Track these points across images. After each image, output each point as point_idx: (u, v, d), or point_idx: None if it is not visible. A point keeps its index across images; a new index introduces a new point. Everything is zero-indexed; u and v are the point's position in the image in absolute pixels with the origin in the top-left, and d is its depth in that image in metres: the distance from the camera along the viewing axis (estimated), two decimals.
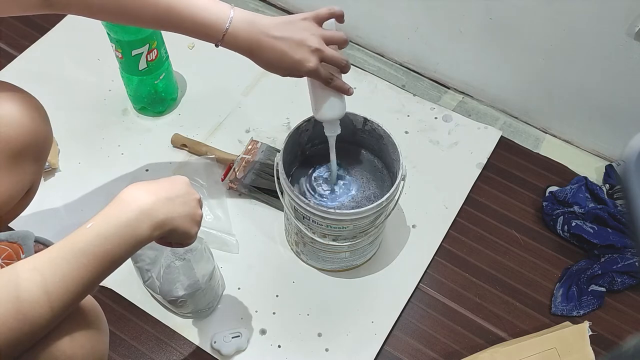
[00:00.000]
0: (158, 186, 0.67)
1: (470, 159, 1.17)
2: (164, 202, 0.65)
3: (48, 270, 0.57)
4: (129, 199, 0.63)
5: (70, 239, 0.59)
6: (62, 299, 0.57)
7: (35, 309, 0.55)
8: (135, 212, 0.62)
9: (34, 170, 0.79)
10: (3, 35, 1.30)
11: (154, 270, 0.90)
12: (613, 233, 1.04)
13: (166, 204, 0.65)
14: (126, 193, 0.64)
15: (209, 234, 1.04)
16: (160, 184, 0.67)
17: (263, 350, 0.97)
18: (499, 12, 1.08)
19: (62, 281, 0.57)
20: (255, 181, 1.08)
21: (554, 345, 0.93)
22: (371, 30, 1.29)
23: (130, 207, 0.62)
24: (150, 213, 0.63)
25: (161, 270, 0.89)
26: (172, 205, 0.66)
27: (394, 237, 1.07)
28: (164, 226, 0.65)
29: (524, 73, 1.16)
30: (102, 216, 0.61)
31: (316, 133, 0.99)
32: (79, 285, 0.58)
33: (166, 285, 0.89)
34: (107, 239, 0.60)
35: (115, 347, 0.96)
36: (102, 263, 0.60)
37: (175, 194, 0.67)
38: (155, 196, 0.65)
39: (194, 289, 0.89)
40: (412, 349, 0.98)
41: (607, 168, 1.15)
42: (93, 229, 0.60)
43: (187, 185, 0.71)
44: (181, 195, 0.68)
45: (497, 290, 1.04)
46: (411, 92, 1.26)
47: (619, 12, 0.95)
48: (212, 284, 0.93)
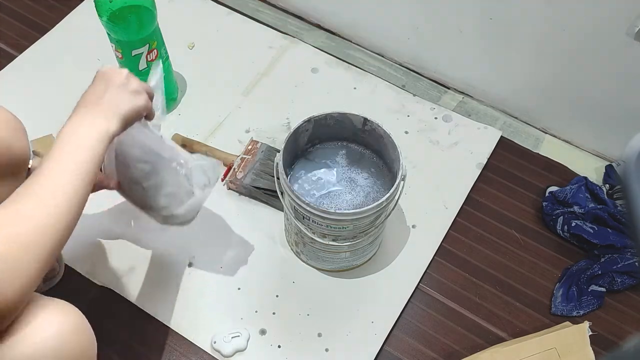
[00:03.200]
0: (87, 106, 0.71)
1: (470, 159, 1.17)
2: (100, 111, 0.71)
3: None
4: (74, 141, 0.67)
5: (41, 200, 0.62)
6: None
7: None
8: (89, 143, 0.67)
9: (14, 185, 0.77)
10: (3, 35, 1.30)
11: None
12: (613, 233, 1.04)
13: (104, 109, 0.71)
14: (69, 134, 0.68)
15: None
16: (87, 101, 0.72)
17: (263, 350, 0.97)
18: (499, 12, 1.08)
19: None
20: (255, 181, 1.08)
21: (554, 345, 0.93)
22: (371, 30, 1.29)
23: (82, 145, 0.67)
24: (100, 131, 0.69)
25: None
26: (109, 105, 0.72)
27: (394, 237, 1.07)
28: (118, 122, 0.71)
29: (524, 73, 1.16)
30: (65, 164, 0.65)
31: (316, 133, 0.99)
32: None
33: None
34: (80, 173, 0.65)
35: (115, 347, 0.96)
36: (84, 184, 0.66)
37: (102, 94, 0.72)
38: (92, 116, 0.70)
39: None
40: (412, 349, 0.98)
41: (607, 168, 1.15)
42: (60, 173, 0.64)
43: (107, 76, 0.75)
44: (109, 87, 0.73)
45: (497, 290, 1.04)
46: (411, 92, 1.26)
47: (619, 12, 0.95)
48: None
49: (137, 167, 0.85)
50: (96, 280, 1.01)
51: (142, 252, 1.04)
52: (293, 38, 1.32)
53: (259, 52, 1.29)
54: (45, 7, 1.35)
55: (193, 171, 0.87)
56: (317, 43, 1.32)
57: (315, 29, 1.35)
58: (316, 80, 1.27)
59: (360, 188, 1.00)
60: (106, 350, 0.96)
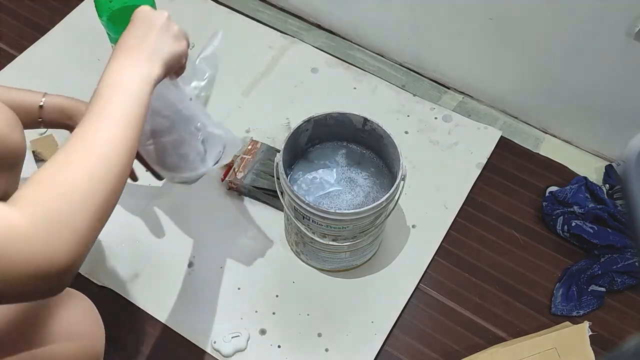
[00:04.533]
0: (128, 50, 0.67)
1: (470, 159, 1.17)
2: (143, 55, 0.67)
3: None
4: (119, 85, 0.64)
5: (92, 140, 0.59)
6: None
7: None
8: (134, 87, 0.64)
9: (9, 180, 0.76)
10: (3, 35, 1.30)
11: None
12: (613, 233, 1.04)
13: (146, 53, 0.67)
14: (112, 80, 0.64)
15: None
16: (127, 44, 0.68)
17: (263, 350, 0.97)
18: (499, 12, 1.08)
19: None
20: (255, 181, 1.08)
21: (554, 345, 0.93)
22: (371, 30, 1.29)
23: (127, 89, 0.64)
24: (145, 76, 0.65)
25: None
26: (152, 49, 0.68)
27: (394, 237, 1.07)
28: (161, 67, 0.68)
29: (524, 73, 1.16)
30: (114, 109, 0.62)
31: (316, 133, 0.99)
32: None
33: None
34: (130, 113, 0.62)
35: (115, 347, 0.96)
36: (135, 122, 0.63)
37: (143, 37, 0.68)
38: (135, 60, 0.66)
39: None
40: (412, 349, 0.98)
41: (607, 168, 1.15)
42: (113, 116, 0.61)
43: (147, 18, 0.71)
44: (150, 30, 0.69)
45: (497, 290, 1.04)
46: (411, 92, 1.26)
47: (619, 12, 0.95)
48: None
49: (156, 120, 0.82)
50: (96, 281, 1.01)
51: (143, 253, 1.05)
52: (293, 38, 1.32)
53: (259, 52, 1.29)
54: (45, 7, 1.35)
55: (210, 139, 0.85)
56: (317, 43, 1.32)
57: (315, 29, 1.35)
58: (316, 80, 1.27)
59: (360, 188, 1.00)
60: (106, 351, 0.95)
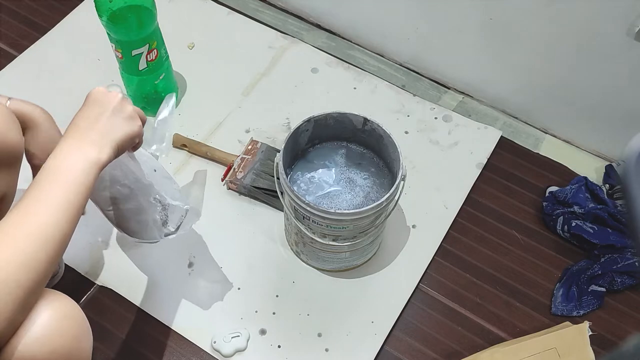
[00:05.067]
0: (80, 131, 0.68)
1: (470, 159, 1.17)
2: (93, 139, 0.67)
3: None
4: (62, 172, 0.64)
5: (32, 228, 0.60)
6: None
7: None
8: (77, 175, 0.64)
9: (8, 179, 0.75)
10: (3, 35, 1.30)
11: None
12: (613, 233, 1.04)
13: (97, 136, 0.68)
14: (56, 165, 0.65)
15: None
16: (78, 126, 0.68)
17: (263, 350, 0.97)
18: (499, 12, 1.08)
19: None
20: (255, 181, 1.08)
21: (554, 346, 0.93)
22: (371, 30, 1.29)
23: (69, 178, 0.64)
24: (91, 161, 0.66)
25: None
26: (102, 132, 0.68)
27: (394, 237, 1.07)
28: (111, 150, 0.68)
29: (524, 73, 1.16)
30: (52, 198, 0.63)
31: (316, 133, 0.99)
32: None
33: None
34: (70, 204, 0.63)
35: (114, 347, 0.96)
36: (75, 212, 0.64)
37: (94, 119, 0.69)
38: (84, 144, 0.67)
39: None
40: (412, 349, 0.98)
41: (607, 168, 1.15)
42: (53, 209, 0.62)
43: (100, 99, 0.71)
44: (102, 112, 0.69)
45: (497, 290, 1.04)
46: (411, 92, 1.26)
47: (619, 12, 0.95)
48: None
49: (115, 188, 0.86)
50: (96, 280, 1.02)
51: (142, 252, 1.04)
52: (293, 38, 1.32)
53: (259, 52, 1.29)
54: (45, 7, 1.35)
55: (170, 208, 0.89)
56: (317, 43, 1.32)
57: (315, 29, 1.35)
58: (316, 80, 1.27)
59: (360, 188, 1.00)
60: (106, 351, 0.96)
